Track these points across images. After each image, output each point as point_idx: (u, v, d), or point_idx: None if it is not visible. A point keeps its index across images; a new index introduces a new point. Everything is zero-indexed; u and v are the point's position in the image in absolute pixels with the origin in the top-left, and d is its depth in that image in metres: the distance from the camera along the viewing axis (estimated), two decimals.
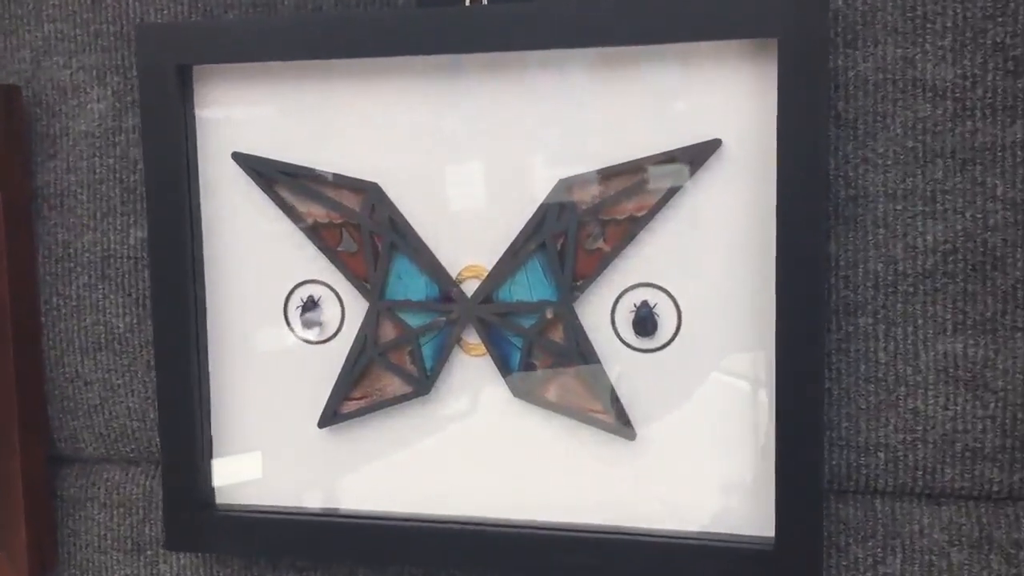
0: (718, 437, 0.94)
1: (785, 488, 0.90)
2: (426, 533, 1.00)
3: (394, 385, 1.02)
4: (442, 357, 1.00)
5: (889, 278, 0.92)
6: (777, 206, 0.88)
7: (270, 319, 1.04)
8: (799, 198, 0.88)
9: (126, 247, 1.10)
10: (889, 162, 0.91)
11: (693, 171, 0.92)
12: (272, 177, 1.02)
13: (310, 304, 1.03)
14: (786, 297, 0.89)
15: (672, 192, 0.93)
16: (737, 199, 0.91)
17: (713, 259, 0.93)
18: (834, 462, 0.94)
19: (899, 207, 0.91)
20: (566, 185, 0.94)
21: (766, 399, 0.92)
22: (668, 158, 0.92)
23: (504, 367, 0.99)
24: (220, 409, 1.07)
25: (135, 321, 1.10)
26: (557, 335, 0.97)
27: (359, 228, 1.00)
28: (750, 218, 0.91)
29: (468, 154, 0.98)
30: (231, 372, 1.06)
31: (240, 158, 1.03)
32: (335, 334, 1.03)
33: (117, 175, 1.10)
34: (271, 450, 1.06)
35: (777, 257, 0.88)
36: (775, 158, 0.87)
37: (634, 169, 0.93)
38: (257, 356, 1.05)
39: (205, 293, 1.05)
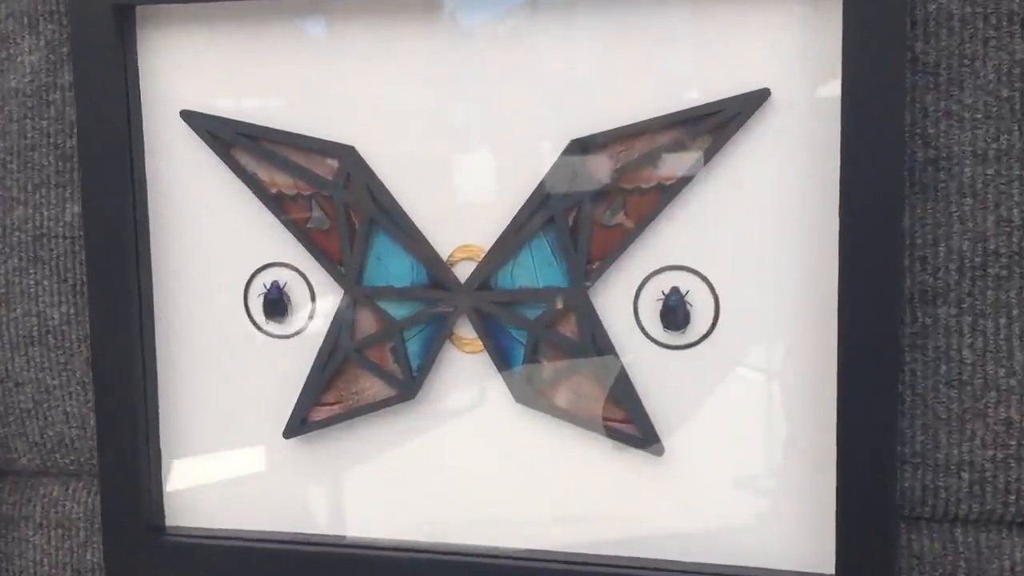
0: (764, 453, 0.85)
1: (848, 516, 0.81)
2: (413, 565, 0.90)
3: (374, 388, 0.93)
4: (431, 355, 0.90)
5: (976, 259, 0.82)
6: (840, 172, 0.78)
7: (228, 309, 0.96)
8: (867, 161, 0.78)
9: (62, 225, 1.00)
10: (979, 116, 0.81)
11: (735, 129, 0.81)
12: (229, 140, 0.92)
13: (275, 291, 0.93)
14: (850, 283, 0.79)
15: (710, 155, 0.82)
16: (790, 163, 0.82)
17: (760, 237, 0.83)
18: (906, 483, 0.85)
19: (990, 171, 0.81)
20: (580, 147, 0.85)
21: (825, 407, 0.82)
22: (704, 113, 0.82)
23: (505, 366, 0.90)
24: (169, 415, 0.98)
25: (73, 311, 1.01)
26: (568, 328, 0.88)
27: (332, 200, 0.91)
28: (806, 186, 0.82)
29: (462, 111, 0.89)
30: (182, 372, 0.98)
31: (191, 117, 0.94)
32: (304, 327, 0.94)
33: (51, 140, 1.00)
34: (229, 464, 0.97)
35: (840, 234, 0.79)
36: (837, 113, 0.78)
37: (663, 127, 0.83)
38: (213, 353, 0.97)
39: (151, 279, 0.96)
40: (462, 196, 0.89)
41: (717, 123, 0.81)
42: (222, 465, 0.96)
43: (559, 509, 0.89)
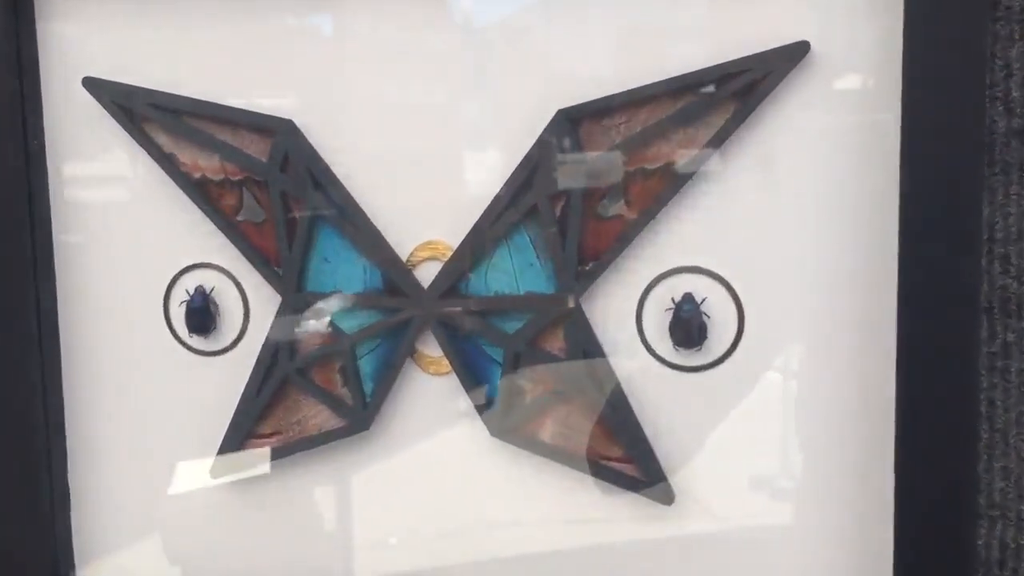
0: (801, 502, 0.77)
1: None
2: None
3: (319, 417, 0.85)
4: (388, 377, 0.82)
5: None
6: (901, 148, 0.69)
7: (145, 320, 0.88)
8: (934, 134, 0.68)
9: None
10: None
11: (765, 94, 0.72)
12: (141, 112, 0.84)
13: (199, 299, 0.85)
14: (912, 290, 0.70)
15: (732, 127, 0.73)
16: (834, 138, 0.74)
17: (795, 231, 0.75)
18: (981, 540, 0.74)
19: None
20: (569, 118, 0.76)
21: (877, 445, 0.74)
22: (726, 74, 0.73)
23: (477, 392, 0.82)
24: (77, 448, 0.90)
25: None
26: (555, 345, 0.79)
27: (266, 187, 0.82)
28: (854, 167, 0.73)
29: (424, 78, 0.81)
30: (90, 397, 0.90)
31: (95, 86, 0.85)
32: (235, 341, 0.86)
33: None
34: (148, 507, 0.90)
35: (900, 228, 0.70)
36: (897, 73, 0.69)
37: (673, 92, 0.74)
38: (127, 373, 0.89)
39: (53, 282, 0.88)
40: (425, 182, 0.81)
41: (742, 87, 0.72)
42: (140, 509, 0.89)
43: (544, 565, 0.81)
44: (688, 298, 0.74)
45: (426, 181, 0.80)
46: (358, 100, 0.81)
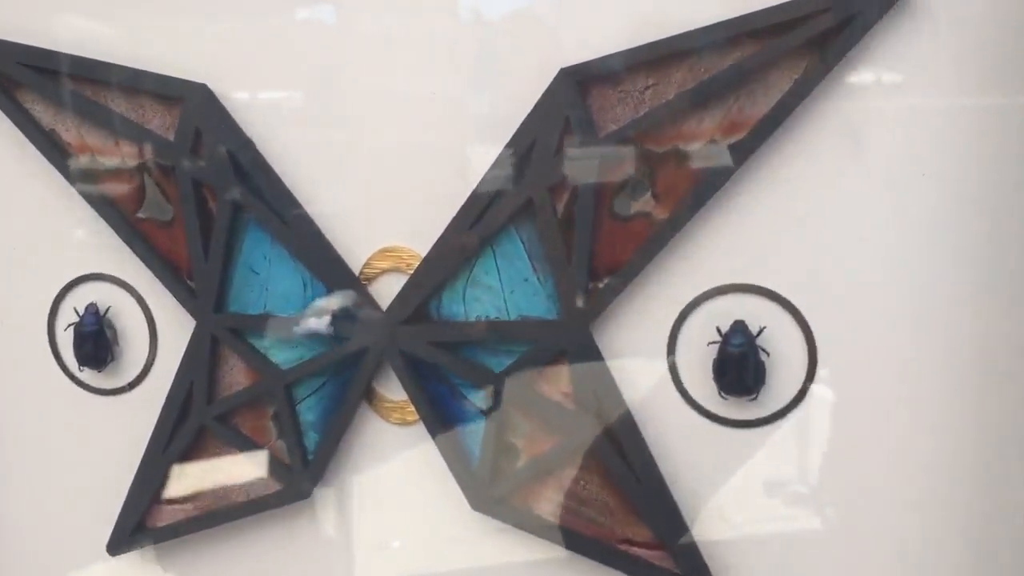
0: None
1: None
2: None
3: (247, 477, 0.72)
4: (336, 426, 0.70)
5: None
6: None
7: (23, 348, 0.77)
8: None
9: None
10: None
11: (847, 48, 0.58)
12: (11, 76, 0.72)
13: (91, 321, 0.73)
14: None
15: (799, 95, 0.59)
16: (936, 110, 0.60)
17: (884, 237, 0.62)
18: None
19: None
20: (575, 80, 0.62)
21: (986, 523, 0.62)
22: (792, 18, 0.58)
23: (454, 449, 0.68)
24: None
25: None
26: (557, 388, 0.66)
27: (174, 174, 0.70)
28: (963, 150, 0.60)
29: (379, 28, 0.67)
30: None
31: None
32: (139, 377, 0.74)
33: None
34: None
35: None
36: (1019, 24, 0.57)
37: (719, 45, 0.60)
38: (9, 415, 0.78)
39: None
40: (383, 169, 0.68)
41: (815, 36, 0.57)
42: None
43: None
44: (739, 328, 0.60)
45: (386, 171, 0.68)
46: (297, 61, 0.68)
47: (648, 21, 0.61)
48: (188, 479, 0.71)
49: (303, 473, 0.68)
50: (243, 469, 0.70)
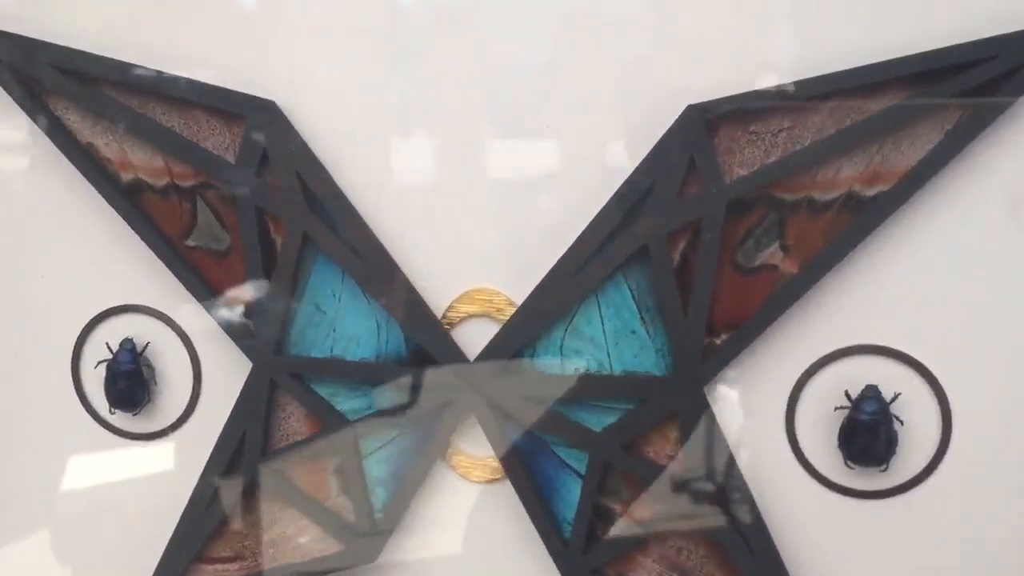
0: None
1: None
2: None
3: (304, 536, 0.68)
4: (409, 483, 0.68)
5: None
6: None
7: (44, 387, 0.73)
8: None
9: None
10: None
11: (1005, 105, 0.56)
12: (44, 81, 0.68)
13: (126, 359, 0.69)
14: None
15: (954, 146, 0.57)
16: None
17: None
18: None
19: None
20: (702, 117, 0.61)
21: None
22: (951, 64, 0.57)
23: (544, 513, 0.65)
24: None
25: None
26: (663, 451, 0.63)
27: (233, 198, 0.66)
28: None
29: (480, 53, 0.64)
30: None
31: None
32: (179, 422, 0.71)
33: None
34: None
35: None
36: None
37: (865, 90, 0.58)
38: (23, 466, 0.73)
39: None
40: (474, 204, 0.65)
41: (977, 85, 0.56)
42: None
43: None
44: (873, 394, 0.59)
45: (477, 205, 0.65)
46: (370, 78, 0.65)
47: (785, 60, 0.58)
48: (234, 536, 0.67)
49: (369, 533, 0.65)
50: (299, 527, 0.67)
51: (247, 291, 0.65)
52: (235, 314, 0.66)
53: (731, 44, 0.61)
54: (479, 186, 0.64)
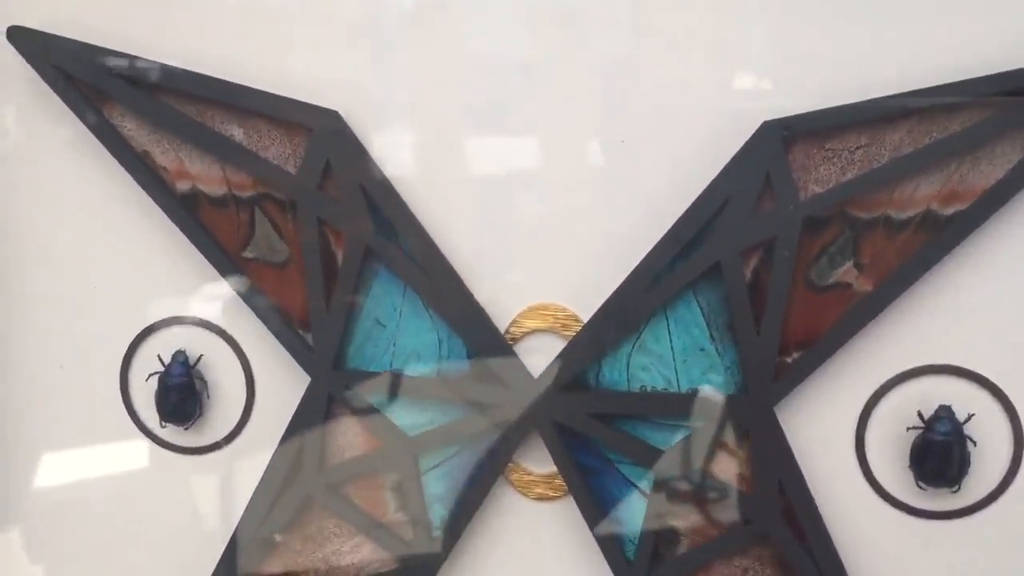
0: None
1: None
2: None
3: (359, 553, 0.68)
4: (469, 501, 0.67)
5: None
6: None
7: (91, 399, 0.72)
8: None
9: None
10: None
11: None
12: (101, 87, 0.67)
13: (179, 372, 0.69)
14: None
15: None
16: None
17: None
18: None
19: None
20: (779, 134, 0.61)
21: None
22: (1022, 84, 0.57)
23: (608, 532, 0.65)
24: None
25: None
26: (730, 470, 0.63)
27: (293, 210, 0.66)
28: None
29: (549, 67, 0.63)
30: (20, 503, 0.72)
31: (26, 40, 0.68)
32: (231, 435, 0.70)
33: None
34: None
35: None
36: None
37: (947, 107, 0.58)
38: (65, 480, 0.72)
39: None
40: (540, 217, 0.65)
41: None
42: None
43: None
44: (945, 414, 0.58)
45: (543, 219, 0.65)
46: (432, 88, 0.65)
47: (863, 76, 0.58)
48: (287, 553, 0.66)
49: (427, 552, 0.64)
50: (354, 543, 0.66)
51: (306, 304, 0.63)
52: (293, 328, 0.64)
53: (808, 61, 0.59)
54: (546, 200, 0.63)
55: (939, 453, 0.59)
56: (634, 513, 0.64)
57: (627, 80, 0.62)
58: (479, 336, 0.63)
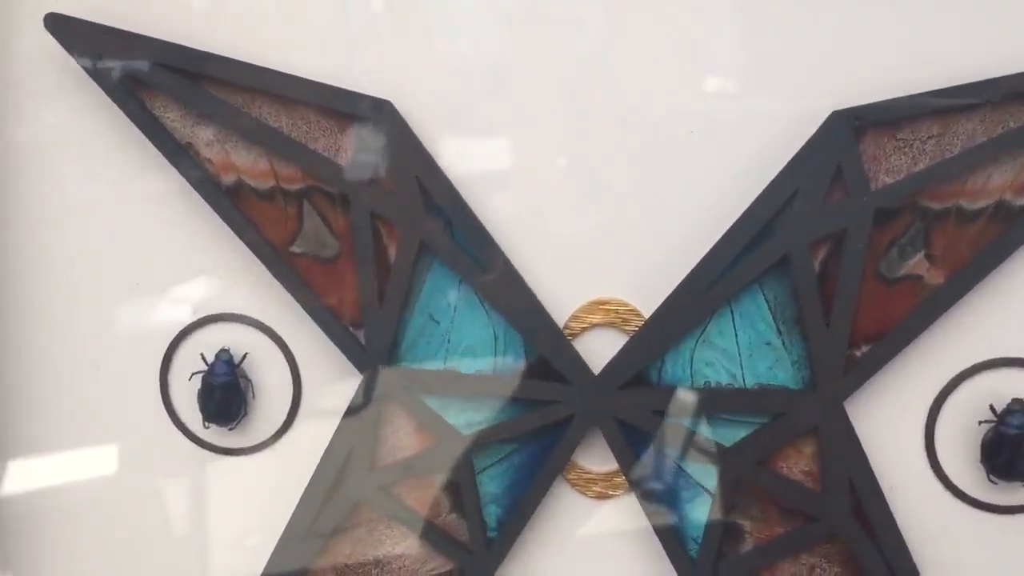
0: None
1: None
2: None
3: (412, 557, 0.67)
4: (527, 502, 0.66)
5: None
6: None
7: (129, 399, 0.70)
8: None
9: None
10: None
11: None
12: (142, 77, 0.65)
13: (223, 370, 0.67)
14: None
15: None
16: None
17: None
18: None
19: None
20: (849, 124, 0.60)
21: None
22: None
23: (671, 531, 0.64)
24: None
25: None
26: (797, 467, 0.63)
27: (343, 204, 0.65)
28: None
29: (594, 52, 0.63)
30: (56, 504, 0.71)
31: (64, 29, 0.66)
32: (276, 435, 0.68)
33: None
34: None
35: None
36: None
37: (1014, 97, 0.58)
38: (102, 483, 0.70)
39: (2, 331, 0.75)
40: (600, 209, 0.64)
41: None
42: None
43: None
44: (1019, 407, 0.59)
45: (603, 211, 0.65)
46: (488, 74, 0.64)
47: (936, 65, 0.58)
48: (338, 556, 0.65)
49: (484, 554, 0.64)
50: (407, 545, 0.65)
51: (355, 300, 0.62)
52: (343, 325, 0.63)
53: (879, 49, 0.59)
54: (606, 192, 0.63)
55: (1012, 447, 0.59)
56: (697, 511, 0.62)
57: (696, 71, 0.61)
58: (537, 331, 0.62)
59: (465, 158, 0.64)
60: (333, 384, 0.66)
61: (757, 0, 0.62)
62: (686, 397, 0.62)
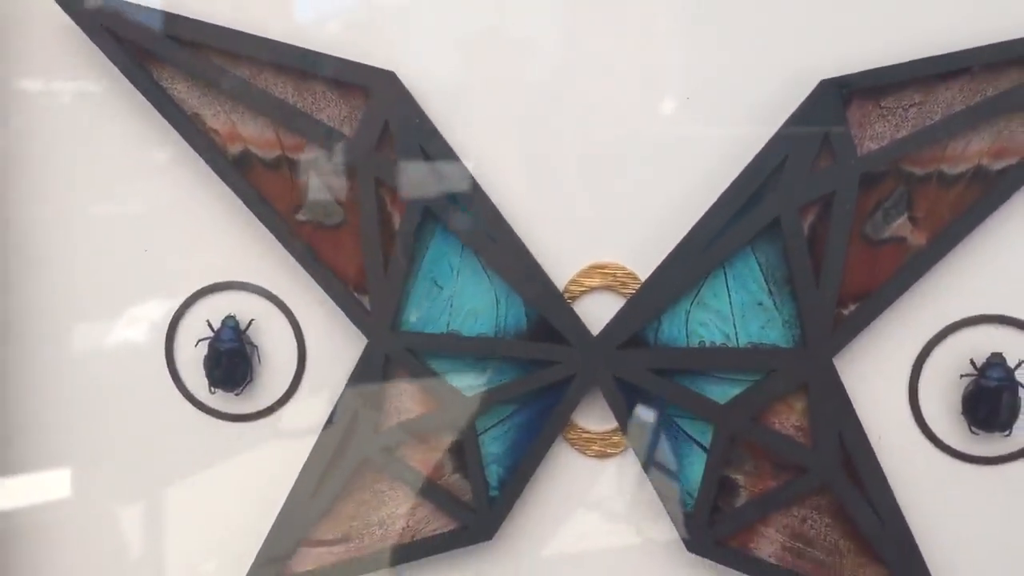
0: None
1: None
2: None
3: (415, 516, 0.68)
4: (528, 461, 0.68)
5: None
6: None
7: (136, 364, 0.71)
8: None
9: None
10: None
11: None
12: (150, 48, 0.67)
13: (229, 336, 0.69)
14: None
15: None
16: None
17: None
18: None
19: None
20: (835, 92, 0.63)
21: None
22: None
23: (669, 486, 0.67)
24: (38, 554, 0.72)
25: None
26: (789, 422, 0.65)
27: (348, 172, 0.67)
28: None
29: (591, 26, 0.65)
30: (61, 467, 0.72)
31: (77, 2, 0.67)
32: (281, 400, 0.70)
33: None
34: None
35: None
36: None
37: (995, 65, 0.61)
38: (108, 448, 0.71)
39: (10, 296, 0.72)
40: (597, 176, 0.67)
41: None
42: None
43: None
44: (998, 361, 0.62)
45: (601, 177, 0.67)
46: (490, 45, 0.66)
47: (917, 35, 0.61)
48: (342, 517, 0.67)
49: (486, 513, 0.66)
50: (411, 506, 0.66)
51: (360, 267, 0.64)
52: (348, 290, 0.65)
53: (861, 22, 0.61)
54: (603, 158, 0.65)
55: (992, 399, 0.62)
56: (692, 467, 0.64)
57: (690, 39, 0.63)
58: (538, 295, 0.64)
59: (468, 128, 0.64)
60: (338, 350, 0.67)
61: None
62: (683, 358, 0.63)
